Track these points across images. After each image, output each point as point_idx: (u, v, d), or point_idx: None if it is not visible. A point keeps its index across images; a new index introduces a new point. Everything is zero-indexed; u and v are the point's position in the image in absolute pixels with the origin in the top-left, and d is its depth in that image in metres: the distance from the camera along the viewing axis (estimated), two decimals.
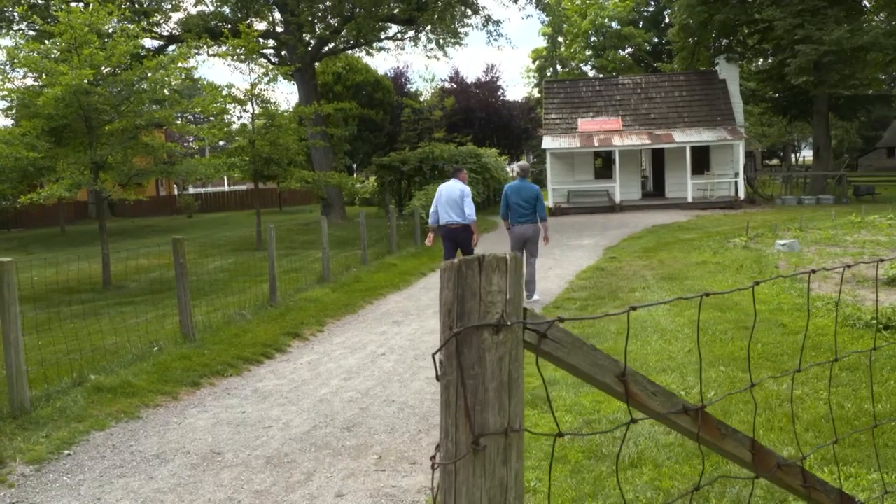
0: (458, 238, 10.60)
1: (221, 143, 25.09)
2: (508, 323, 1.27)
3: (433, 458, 1.35)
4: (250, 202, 45.23)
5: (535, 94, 56.00)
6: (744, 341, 7.23)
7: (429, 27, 28.24)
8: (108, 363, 7.36)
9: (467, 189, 10.73)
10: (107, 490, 4.67)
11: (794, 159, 60.26)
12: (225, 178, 47.57)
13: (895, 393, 5.43)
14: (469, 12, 27.58)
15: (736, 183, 27.56)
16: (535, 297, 10.80)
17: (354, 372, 7.40)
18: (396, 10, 25.54)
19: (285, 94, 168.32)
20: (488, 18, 28.44)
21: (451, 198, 10.59)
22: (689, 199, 27.22)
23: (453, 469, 1.29)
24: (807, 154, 63.04)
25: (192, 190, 51.18)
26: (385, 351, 8.33)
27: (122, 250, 21.26)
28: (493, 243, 19.71)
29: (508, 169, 39.55)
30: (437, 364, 1.30)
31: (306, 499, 4.40)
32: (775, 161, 56.91)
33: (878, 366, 6.22)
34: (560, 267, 14.46)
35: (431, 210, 10.94)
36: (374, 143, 44.90)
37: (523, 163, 12.35)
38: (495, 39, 68.59)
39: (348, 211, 31.25)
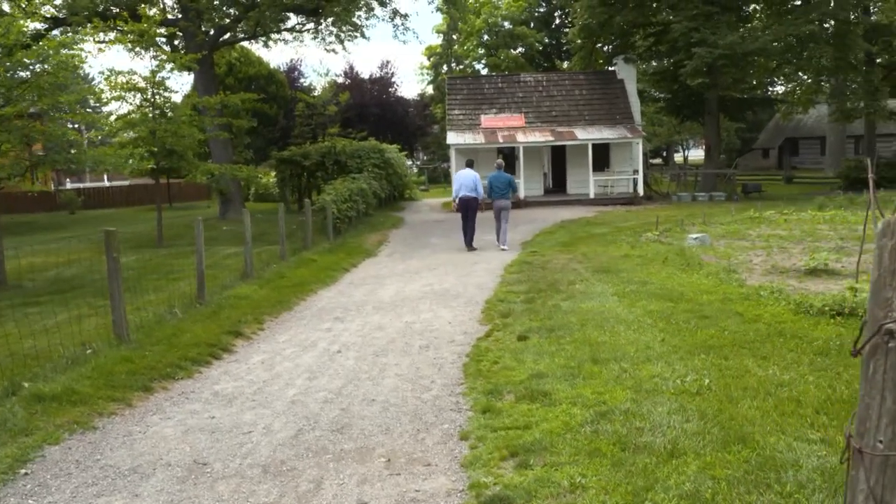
0: (469, 205, 16.24)
1: (99, 137, 23.40)
2: None
3: (858, 450, 1.10)
4: (134, 198, 42.86)
5: (430, 90, 55.94)
6: (710, 329, 7.30)
7: (331, 19, 27.50)
8: (41, 369, 6.61)
9: (477, 176, 16.55)
10: None
11: (681, 158, 62.96)
12: (105, 173, 44.87)
13: None
14: (375, 4, 27.07)
15: (635, 180, 28.39)
16: (504, 246, 16.17)
17: (316, 371, 6.97)
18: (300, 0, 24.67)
19: (179, 84, 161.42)
20: (395, 12, 28.00)
21: (469, 179, 16.38)
22: (591, 196, 27.81)
23: None
24: (692, 154, 66.11)
25: (69, 185, 47.95)
26: (339, 348, 7.92)
27: (5, 248, 19.51)
28: (403, 239, 19.48)
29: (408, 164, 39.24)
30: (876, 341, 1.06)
31: None
32: (658, 160, 59.22)
33: (846, 349, 6.40)
34: (485, 261, 14.35)
35: (454, 188, 16.80)
36: (267, 137, 43.58)
37: (500, 160, 17.46)
38: (402, 33, 68.71)
39: (247, 207, 30.06)
